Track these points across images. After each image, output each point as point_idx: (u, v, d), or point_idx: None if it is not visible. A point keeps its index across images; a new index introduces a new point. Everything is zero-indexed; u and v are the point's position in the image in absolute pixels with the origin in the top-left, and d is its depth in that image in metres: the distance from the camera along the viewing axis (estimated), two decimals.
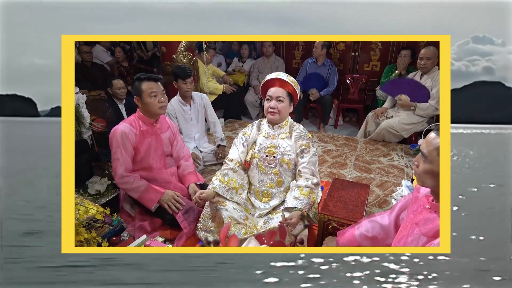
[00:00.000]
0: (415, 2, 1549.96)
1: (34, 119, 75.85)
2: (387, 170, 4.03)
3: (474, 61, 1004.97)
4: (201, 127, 4.05)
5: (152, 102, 2.65)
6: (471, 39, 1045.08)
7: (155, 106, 2.67)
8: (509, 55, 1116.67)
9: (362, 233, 1.90)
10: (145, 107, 2.69)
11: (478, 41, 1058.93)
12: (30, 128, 27.60)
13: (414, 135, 4.69)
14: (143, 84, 2.63)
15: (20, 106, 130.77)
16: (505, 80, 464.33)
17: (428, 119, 4.57)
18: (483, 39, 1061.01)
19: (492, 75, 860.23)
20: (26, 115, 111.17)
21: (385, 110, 4.82)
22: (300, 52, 6.10)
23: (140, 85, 2.63)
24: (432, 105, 4.40)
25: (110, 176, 3.11)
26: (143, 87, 2.62)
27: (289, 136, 2.56)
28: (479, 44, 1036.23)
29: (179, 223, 2.60)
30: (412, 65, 4.94)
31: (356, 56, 5.75)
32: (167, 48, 4.32)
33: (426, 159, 1.41)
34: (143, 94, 2.63)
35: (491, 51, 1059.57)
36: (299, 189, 2.40)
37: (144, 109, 2.72)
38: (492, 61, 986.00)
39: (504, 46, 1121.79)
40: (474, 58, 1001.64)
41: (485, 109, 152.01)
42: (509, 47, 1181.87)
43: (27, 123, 42.85)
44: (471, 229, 3.27)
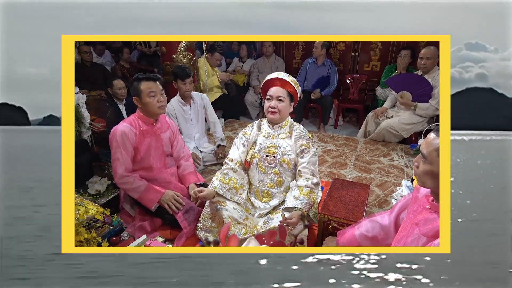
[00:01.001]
0: (407, 5, 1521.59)
1: (26, 128, 75.78)
2: (387, 170, 4.03)
3: (467, 67, 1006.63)
4: (201, 127, 4.05)
5: (151, 102, 2.64)
6: (464, 46, 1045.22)
7: (154, 106, 2.67)
8: (502, 62, 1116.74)
9: (362, 233, 1.90)
10: (144, 107, 2.69)
11: (471, 48, 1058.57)
12: (21, 136, 27.48)
13: (414, 135, 4.69)
14: (142, 84, 2.63)
15: (11, 115, 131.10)
16: (497, 87, 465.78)
17: (428, 119, 4.57)
18: (476, 45, 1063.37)
19: (485, 81, 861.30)
20: (17, 124, 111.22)
21: (385, 110, 4.82)
22: (300, 52, 6.09)
23: (139, 85, 2.63)
24: (432, 106, 4.40)
25: (110, 176, 3.11)
26: (142, 87, 2.62)
27: (289, 136, 2.56)
28: (473, 51, 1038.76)
29: (179, 223, 2.60)
30: (412, 65, 4.94)
31: (356, 56, 5.75)
32: (167, 48, 4.32)
33: (426, 160, 1.41)
34: (142, 94, 2.63)
35: (484, 58, 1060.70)
36: (299, 189, 2.40)
37: (144, 109, 2.72)
38: (485, 68, 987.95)
39: (497, 53, 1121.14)
40: (467, 65, 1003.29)
41: (477, 115, 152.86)
42: (503, 53, 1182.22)
43: (18, 131, 42.88)
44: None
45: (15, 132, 40.75)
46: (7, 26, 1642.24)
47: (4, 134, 31.72)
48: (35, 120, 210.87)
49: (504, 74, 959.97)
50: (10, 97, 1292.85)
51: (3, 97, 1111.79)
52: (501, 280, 2.27)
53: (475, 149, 16.15)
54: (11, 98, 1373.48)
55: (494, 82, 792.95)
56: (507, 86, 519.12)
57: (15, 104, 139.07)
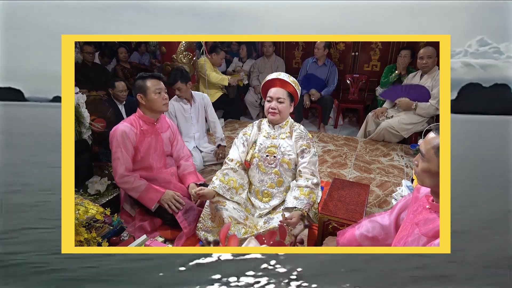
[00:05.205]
0: (398, 5, 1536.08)
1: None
2: (387, 170, 4.03)
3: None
4: (201, 127, 4.05)
5: (156, 98, 2.70)
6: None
7: (160, 102, 2.72)
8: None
9: (363, 233, 1.90)
10: (149, 104, 2.72)
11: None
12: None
13: (414, 135, 4.69)
14: (148, 81, 2.68)
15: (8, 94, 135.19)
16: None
17: (428, 119, 4.57)
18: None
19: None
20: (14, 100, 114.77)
21: (385, 110, 4.82)
22: (300, 52, 6.09)
23: (145, 82, 2.68)
24: (432, 105, 4.39)
25: (110, 176, 3.11)
26: (148, 84, 2.68)
27: (289, 136, 2.56)
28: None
29: (179, 223, 2.60)
30: (412, 65, 4.94)
31: (356, 56, 5.75)
32: (167, 48, 4.32)
33: (424, 158, 1.43)
34: (148, 91, 2.68)
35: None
36: (299, 189, 2.40)
37: (148, 106, 2.74)
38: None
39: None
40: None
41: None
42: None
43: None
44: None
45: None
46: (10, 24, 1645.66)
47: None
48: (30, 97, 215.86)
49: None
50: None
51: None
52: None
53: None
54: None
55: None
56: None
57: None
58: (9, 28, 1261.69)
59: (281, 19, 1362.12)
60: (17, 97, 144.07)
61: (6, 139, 11.13)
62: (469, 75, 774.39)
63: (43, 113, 29.81)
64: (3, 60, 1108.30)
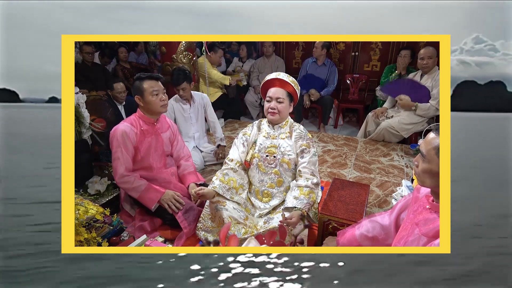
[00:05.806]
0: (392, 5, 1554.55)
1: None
2: (387, 170, 4.03)
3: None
4: (201, 127, 4.05)
5: (154, 100, 2.67)
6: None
7: (157, 104, 2.69)
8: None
9: (363, 233, 1.90)
10: (147, 106, 2.70)
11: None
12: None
13: (414, 135, 4.69)
14: (145, 83, 2.64)
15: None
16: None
17: (428, 119, 4.57)
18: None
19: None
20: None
21: (385, 110, 4.82)
22: (300, 52, 6.09)
23: (142, 84, 2.65)
24: (433, 106, 4.39)
25: (110, 176, 3.11)
26: (145, 86, 2.64)
27: (289, 136, 2.56)
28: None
29: (179, 223, 2.60)
30: (412, 65, 4.94)
31: (356, 56, 5.75)
32: (167, 48, 4.31)
33: (425, 158, 1.43)
34: (145, 93, 2.65)
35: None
36: (299, 189, 2.40)
37: (146, 108, 2.72)
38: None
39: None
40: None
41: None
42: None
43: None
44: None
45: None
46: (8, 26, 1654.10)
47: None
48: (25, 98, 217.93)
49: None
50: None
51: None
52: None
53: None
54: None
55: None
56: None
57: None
58: (3, 27, 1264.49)
59: (281, 19, 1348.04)
60: (13, 98, 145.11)
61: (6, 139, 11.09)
62: (464, 73, 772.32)
63: (40, 114, 29.80)
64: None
